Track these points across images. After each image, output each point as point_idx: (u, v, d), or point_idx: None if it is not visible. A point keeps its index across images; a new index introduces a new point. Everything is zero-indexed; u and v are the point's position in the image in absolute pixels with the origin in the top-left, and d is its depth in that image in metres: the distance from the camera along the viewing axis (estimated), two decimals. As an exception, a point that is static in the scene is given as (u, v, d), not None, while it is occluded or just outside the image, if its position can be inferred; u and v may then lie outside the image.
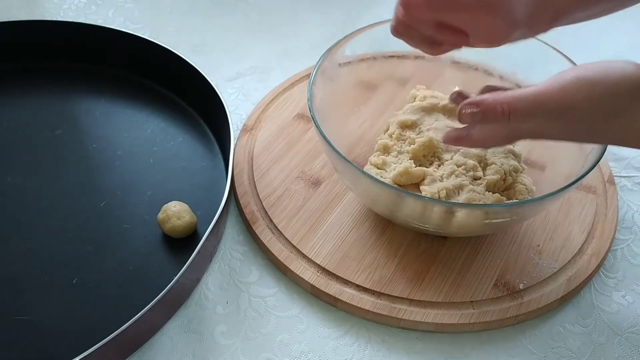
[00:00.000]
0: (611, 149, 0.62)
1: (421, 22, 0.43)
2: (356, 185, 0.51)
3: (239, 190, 0.58)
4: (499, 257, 0.53)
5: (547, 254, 0.54)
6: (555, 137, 0.41)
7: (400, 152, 0.57)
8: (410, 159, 0.56)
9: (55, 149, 0.62)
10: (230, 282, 0.52)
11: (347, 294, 0.50)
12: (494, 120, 0.39)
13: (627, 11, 0.43)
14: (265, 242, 0.54)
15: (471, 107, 0.40)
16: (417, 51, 0.48)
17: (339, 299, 0.50)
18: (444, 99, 0.59)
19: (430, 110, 0.58)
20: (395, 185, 0.54)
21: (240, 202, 0.57)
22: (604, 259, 0.54)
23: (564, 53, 0.54)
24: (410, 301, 0.50)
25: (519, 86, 0.51)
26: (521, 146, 0.58)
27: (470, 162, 0.55)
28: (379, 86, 0.64)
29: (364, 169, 0.56)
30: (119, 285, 0.51)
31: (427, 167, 0.56)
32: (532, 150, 0.59)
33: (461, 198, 0.53)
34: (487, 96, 0.39)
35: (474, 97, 0.41)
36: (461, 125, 0.44)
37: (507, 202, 0.53)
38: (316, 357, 0.48)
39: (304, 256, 0.53)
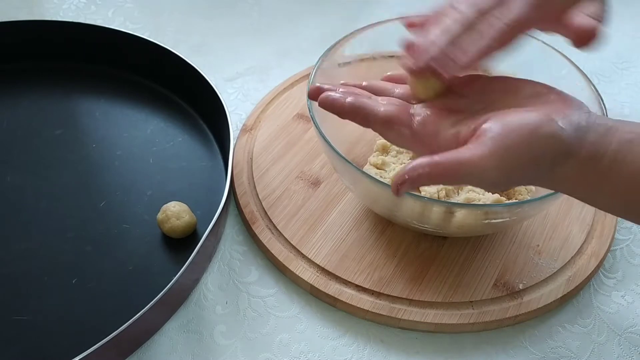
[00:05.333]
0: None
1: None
2: (356, 185, 0.51)
3: (238, 190, 0.58)
4: (499, 257, 0.53)
5: (547, 254, 0.54)
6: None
7: (399, 152, 0.57)
8: (410, 159, 0.56)
9: (55, 149, 0.62)
10: (229, 282, 0.52)
11: (347, 294, 0.50)
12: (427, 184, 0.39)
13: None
14: (264, 242, 0.54)
15: (404, 184, 0.38)
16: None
17: (338, 299, 0.50)
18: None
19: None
20: (395, 186, 0.54)
21: (240, 202, 0.57)
22: (603, 259, 0.54)
23: (564, 53, 0.54)
24: (410, 301, 0.50)
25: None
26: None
27: (470, 162, 0.55)
28: (379, 86, 0.64)
29: (364, 169, 0.56)
30: (118, 286, 0.51)
31: (426, 167, 0.56)
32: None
33: (461, 198, 0.53)
34: (416, 167, 0.37)
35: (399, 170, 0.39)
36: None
37: (507, 202, 0.53)
38: (315, 357, 0.48)
39: (304, 256, 0.53)
